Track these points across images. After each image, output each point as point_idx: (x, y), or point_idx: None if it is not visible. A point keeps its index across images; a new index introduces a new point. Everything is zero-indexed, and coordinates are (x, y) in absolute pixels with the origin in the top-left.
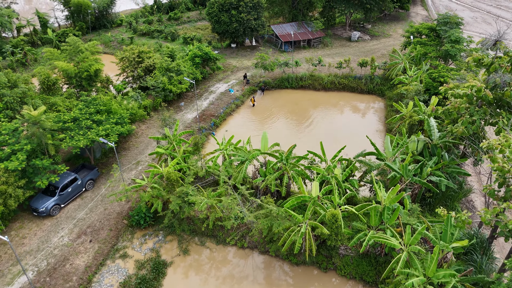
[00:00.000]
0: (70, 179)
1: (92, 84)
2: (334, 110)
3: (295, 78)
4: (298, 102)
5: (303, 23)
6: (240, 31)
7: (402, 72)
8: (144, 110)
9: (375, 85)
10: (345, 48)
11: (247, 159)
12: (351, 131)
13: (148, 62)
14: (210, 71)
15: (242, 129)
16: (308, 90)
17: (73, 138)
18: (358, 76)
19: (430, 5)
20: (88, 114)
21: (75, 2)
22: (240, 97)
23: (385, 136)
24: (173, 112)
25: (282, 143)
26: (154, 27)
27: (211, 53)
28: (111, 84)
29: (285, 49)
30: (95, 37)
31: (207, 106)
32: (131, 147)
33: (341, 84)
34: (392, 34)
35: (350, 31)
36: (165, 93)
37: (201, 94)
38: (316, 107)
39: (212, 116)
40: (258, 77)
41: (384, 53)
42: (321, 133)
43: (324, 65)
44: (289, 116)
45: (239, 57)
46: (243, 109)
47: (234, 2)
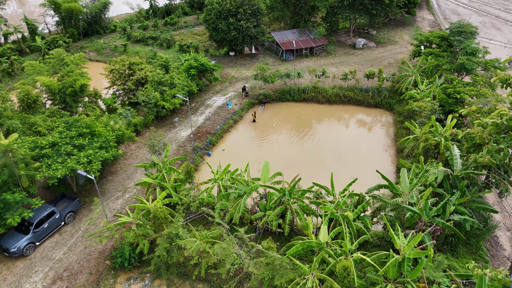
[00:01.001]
0: (46, 213)
1: (77, 100)
2: (340, 126)
3: (297, 90)
4: (301, 116)
5: (305, 30)
6: (239, 39)
7: (413, 86)
8: (134, 128)
9: (383, 98)
10: (350, 56)
11: (245, 192)
12: (358, 150)
13: (139, 74)
14: (207, 82)
15: (240, 148)
16: (311, 103)
17: (50, 166)
18: (365, 89)
19: (436, 9)
20: (68, 138)
21: (66, 7)
22: (239, 111)
23: (394, 153)
24: (165, 130)
25: (284, 164)
26: (149, 34)
27: (208, 64)
28: (99, 98)
29: (286, 58)
30: (87, 44)
31: (203, 122)
32: (118, 171)
33: (347, 97)
34: (398, 41)
35: (354, 37)
36: (158, 109)
37: (197, 108)
38: (320, 121)
39: (208, 133)
40: (258, 88)
41: (391, 61)
42: (326, 152)
43: (328, 76)
44: (291, 132)
45: (237, 66)
46: (242, 125)
47: (233, 9)
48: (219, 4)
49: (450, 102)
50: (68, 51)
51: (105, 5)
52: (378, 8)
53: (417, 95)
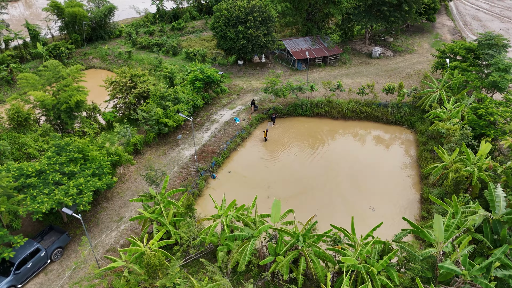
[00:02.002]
0: (30, 252)
1: (73, 116)
2: (356, 145)
3: (310, 105)
4: (314, 133)
5: (318, 38)
6: (248, 48)
7: (438, 103)
8: (134, 147)
9: (403, 115)
10: (366, 66)
11: (253, 236)
12: (377, 174)
13: (141, 87)
14: (214, 95)
15: (248, 170)
16: (325, 118)
17: (35, 199)
18: (383, 104)
19: (455, 15)
20: (58, 164)
21: (69, 12)
22: (247, 127)
23: (417, 179)
24: (168, 148)
25: (295, 190)
26: (155, 40)
27: (215, 76)
28: (98, 112)
29: (298, 67)
30: (91, 50)
31: (208, 139)
32: (114, 196)
33: (364, 112)
34: (417, 49)
35: (370, 45)
36: (159, 126)
37: (202, 124)
38: (335, 139)
39: (213, 153)
40: (268, 102)
41: (410, 73)
42: (341, 176)
43: (344, 90)
44: (303, 152)
45: (246, 76)
46: (250, 143)
47: (242, 16)
48: (227, 10)
49: (482, 124)
50: (70, 58)
51: (110, 10)
52: (397, 15)
53: (443, 114)
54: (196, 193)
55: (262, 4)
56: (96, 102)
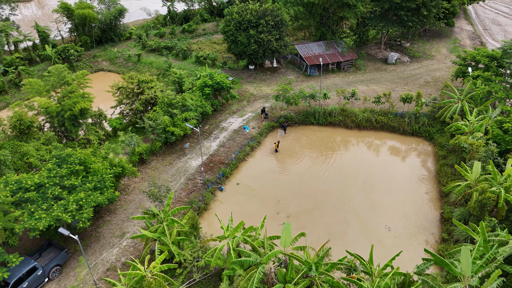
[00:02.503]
0: (26, 270)
1: (77, 124)
2: (371, 157)
3: (323, 113)
4: (326, 143)
5: (332, 43)
6: (260, 53)
7: (459, 115)
8: (139, 157)
9: (421, 126)
10: (381, 72)
11: (261, 263)
12: (393, 189)
13: (148, 93)
14: (223, 101)
15: (256, 183)
16: (339, 127)
17: (33, 215)
18: (400, 113)
19: (474, 18)
20: (58, 177)
21: (79, 14)
22: (257, 136)
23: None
24: (174, 158)
25: (306, 205)
26: (165, 43)
27: (225, 82)
28: (104, 119)
29: (311, 73)
30: (100, 52)
31: (216, 149)
32: (117, 209)
33: (379, 122)
34: (435, 55)
35: (386, 50)
36: (166, 135)
37: (210, 132)
38: (348, 150)
39: (221, 163)
40: (279, 109)
41: (427, 80)
42: (355, 191)
43: (359, 98)
44: (315, 164)
45: (257, 81)
46: (260, 153)
47: (253, 20)
48: (239, 14)
49: (508, 140)
50: (79, 60)
51: (120, 12)
52: (415, 19)
53: (466, 127)
54: (203, 207)
55: (274, 8)
56: (102, 109)
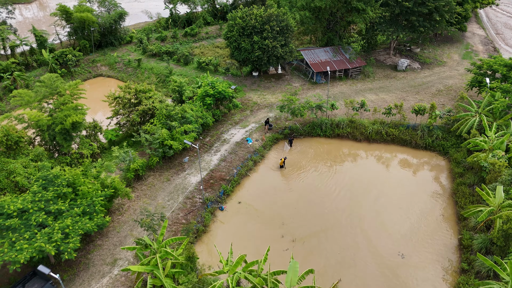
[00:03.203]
0: None
1: (69, 138)
2: (381, 173)
3: (330, 125)
4: (334, 157)
5: (339, 49)
6: (264, 60)
7: (477, 130)
8: (135, 173)
9: (435, 139)
10: (391, 80)
11: None
12: (406, 210)
13: (146, 104)
14: (225, 111)
15: (259, 201)
16: (347, 140)
17: (14, 245)
18: (412, 126)
19: (485, 22)
20: (43, 201)
21: (77, 17)
22: (260, 149)
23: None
24: (172, 173)
25: (314, 228)
26: (166, 48)
27: (227, 92)
28: (99, 131)
29: (317, 80)
30: (99, 57)
31: (217, 163)
32: (110, 231)
33: (390, 135)
34: (446, 61)
35: (395, 56)
36: (164, 149)
37: (211, 144)
38: (357, 166)
39: (222, 180)
40: (283, 119)
41: (440, 88)
42: (365, 211)
43: (368, 110)
44: (322, 180)
45: (261, 89)
46: (263, 167)
47: (258, 26)
48: (242, 19)
49: None
50: (77, 65)
51: (120, 16)
52: (427, 25)
53: (485, 144)
54: (201, 230)
55: (280, 13)
56: (97, 120)
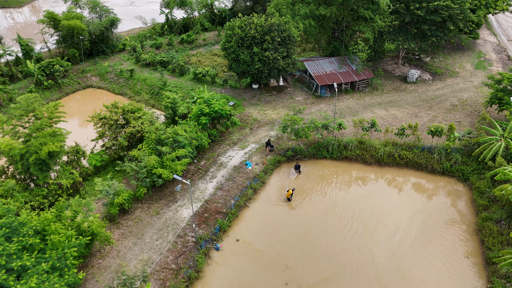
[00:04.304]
0: None
1: (45, 168)
2: (395, 203)
3: (338, 146)
4: (342, 183)
5: (345, 59)
6: (265, 72)
7: (503, 157)
8: (119, 209)
9: (454, 164)
10: (401, 93)
11: None
12: (424, 250)
13: (134, 125)
14: (222, 129)
15: (260, 239)
16: (356, 163)
17: None
18: (428, 148)
19: (496, 28)
20: (5, 256)
21: (65, 25)
22: (261, 175)
23: (480, 261)
24: (162, 205)
25: (321, 274)
26: (160, 57)
27: (224, 110)
28: (82, 156)
29: (321, 94)
30: (90, 67)
31: (213, 192)
32: (88, 280)
33: (403, 158)
34: (459, 72)
35: (404, 65)
36: (153, 178)
37: (207, 169)
38: (369, 194)
39: (218, 213)
40: (286, 139)
41: (454, 103)
42: (378, 251)
43: (380, 130)
44: (330, 212)
45: (261, 104)
46: (264, 196)
47: (258, 36)
48: (241, 29)
49: None
50: (66, 76)
51: (112, 22)
52: (440, 34)
53: None
54: (194, 276)
55: (281, 22)
56: (81, 144)
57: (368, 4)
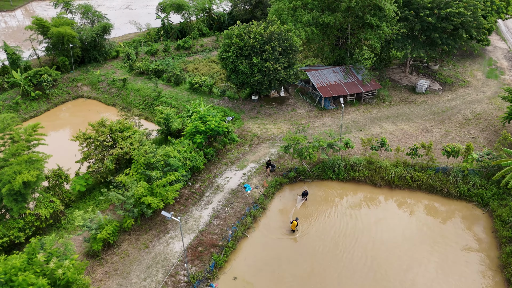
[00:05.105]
0: None
1: (21, 199)
2: (409, 230)
3: (344, 166)
4: (351, 208)
5: (351, 69)
6: (265, 84)
7: None
8: (103, 244)
9: (471, 187)
10: (409, 105)
11: None
12: (444, 286)
13: (123, 146)
14: (220, 147)
15: (261, 278)
16: (364, 185)
17: None
18: (443, 169)
19: (505, 33)
20: None
21: (55, 32)
22: (261, 199)
23: None
24: (152, 237)
25: None
26: (154, 65)
27: (221, 127)
28: (65, 181)
29: (325, 106)
30: (81, 75)
31: (208, 221)
32: None
33: (416, 180)
34: (470, 81)
35: (411, 74)
36: (142, 207)
37: (202, 193)
38: (380, 220)
39: (213, 246)
40: (288, 158)
41: (467, 116)
42: (394, 286)
43: (390, 150)
44: (338, 242)
45: (261, 117)
46: (265, 224)
47: (257, 46)
48: (240, 38)
49: None
50: (55, 86)
51: (105, 28)
52: (451, 42)
53: None
54: None
55: (282, 31)
56: (63, 167)
57: (374, 10)
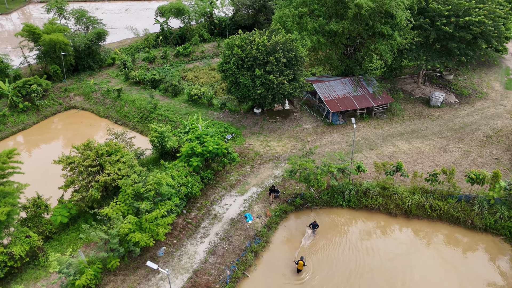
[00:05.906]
0: None
1: None
2: (429, 269)
3: (356, 192)
4: (364, 240)
5: (360, 80)
6: (268, 98)
7: None
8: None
9: (499, 219)
10: (424, 120)
11: None
12: None
13: (110, 172)
14: (219, 168)
15: None
16: (378, 213)
17: None
18: (465, 197)
19: None
20: None
21: (46, 39)
22: (263, 231)
23: None
24: (141, 278)
25: None
26: (151, 75)
27: (220, 148)
28: (45, 211)
29: (333, 121)
30: (74, 84)
31: (204, 258)
32: None
33: (436, 209)
34: (488, 93)
35: (424, 84)
36: (129, 245)
37: (198, 223)
38: (397, 256)
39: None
40: (293, 182)
41: (488, 133)
42: None
43: (407, 175)
44: (351, 281)
45: (264, 132)
46: (267, 261)
47: (260, 57)
48: (241, 48)
49: None
50: (45, 97)
51: (99, 35)
52: (470, 53)
53: None
54: None
55: (287, 40)
56: (43, 195)
57: (385, 18)
